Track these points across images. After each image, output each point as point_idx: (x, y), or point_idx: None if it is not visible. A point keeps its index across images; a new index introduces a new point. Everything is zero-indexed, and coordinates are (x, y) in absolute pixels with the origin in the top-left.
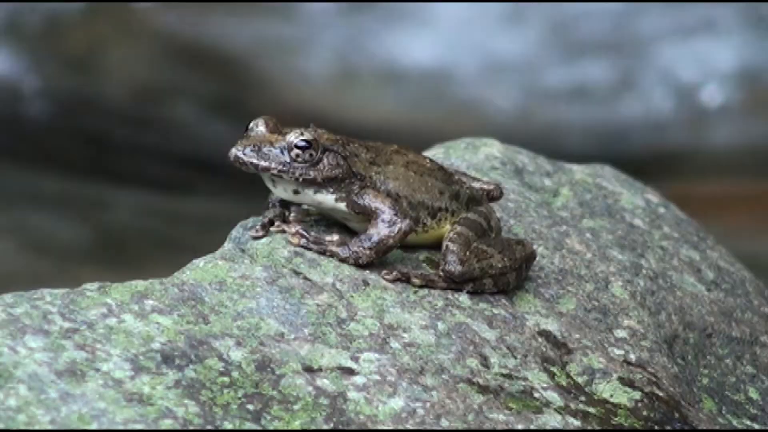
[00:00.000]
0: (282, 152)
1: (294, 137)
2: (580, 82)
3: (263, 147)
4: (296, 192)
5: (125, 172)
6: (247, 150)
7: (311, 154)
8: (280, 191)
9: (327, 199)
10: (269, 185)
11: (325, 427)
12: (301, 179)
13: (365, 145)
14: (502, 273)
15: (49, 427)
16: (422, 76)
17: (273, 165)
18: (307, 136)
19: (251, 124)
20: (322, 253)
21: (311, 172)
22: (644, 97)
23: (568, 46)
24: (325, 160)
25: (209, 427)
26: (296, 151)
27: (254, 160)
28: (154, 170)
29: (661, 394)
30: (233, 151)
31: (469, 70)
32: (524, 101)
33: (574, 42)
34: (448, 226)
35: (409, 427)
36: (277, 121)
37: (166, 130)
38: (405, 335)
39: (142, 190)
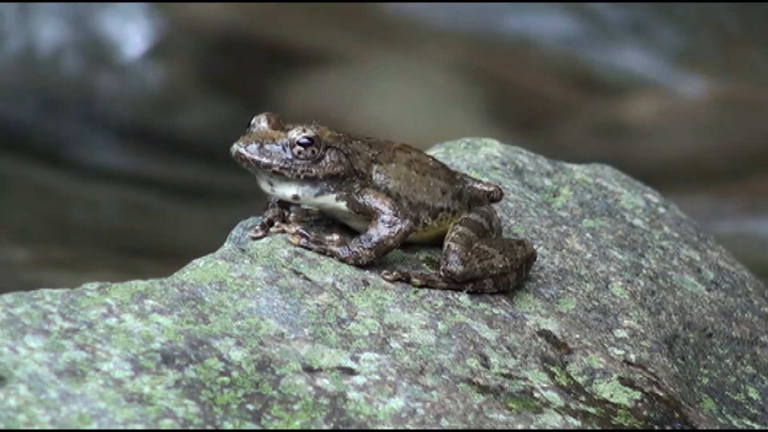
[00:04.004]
0: (284, 149)
1: (296, 134)
2: None
3: (265, 143)
4: (295, 196)
5: None
6: (249, 146)
7: (313, 151)
8: (279, 192)
9: (327, 197)
10: (266, 188)
11: (325, 427)
12: (302, 176)
13: (368, 142)
14: (502, 273)
15: (49, 427)
16: None
17: (275, 162)
18: (310, 132)
19: (253, 120)
20: (322, 253)
21: (313, 169)
22: None
23: None
24: (327, 157)
25: (209, 427)
26: (298, 147)
27: (256, 157)
28: None
29: (661, 394)
30: (235, 147)
31: None
32: None
33: None
34: (449, 225)
35: (409, 427)
36: (279, 117)
37: None
38: (405, 335)
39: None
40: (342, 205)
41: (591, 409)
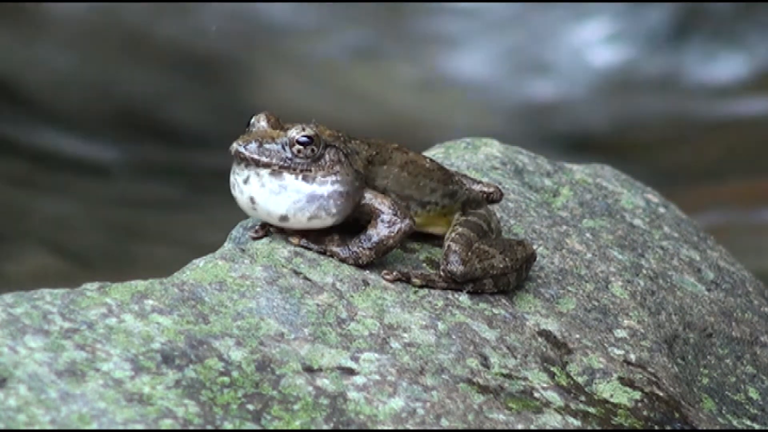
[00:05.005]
0: (283, 148)
1: (295, 132)
2: None
3: (264, 142)
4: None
5: None
6: (249, 145)
7: (313, 150)
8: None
9: None
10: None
11: (325, 427)
12: (301, 175)
13: (367, 141)
14: (503, 273)
15: (49, 427)
16: None
17: (274, 161)
18: (309, 131)
19: (253, 119)
20: (322, 252)
21: (312, 168)
22: None
23: None
24: (327, 156)
25: (209, 427)
26: (297, 146)
27: (255, 156)
28: None
29: (661, 394)
30: (234, 145)
31: None
32: None
33: None
34: (440, 219)
35: (409, 427)
36: (278, 117)
37: None
38: (405, 335)
39: None
40: None
41: (591, 409)
